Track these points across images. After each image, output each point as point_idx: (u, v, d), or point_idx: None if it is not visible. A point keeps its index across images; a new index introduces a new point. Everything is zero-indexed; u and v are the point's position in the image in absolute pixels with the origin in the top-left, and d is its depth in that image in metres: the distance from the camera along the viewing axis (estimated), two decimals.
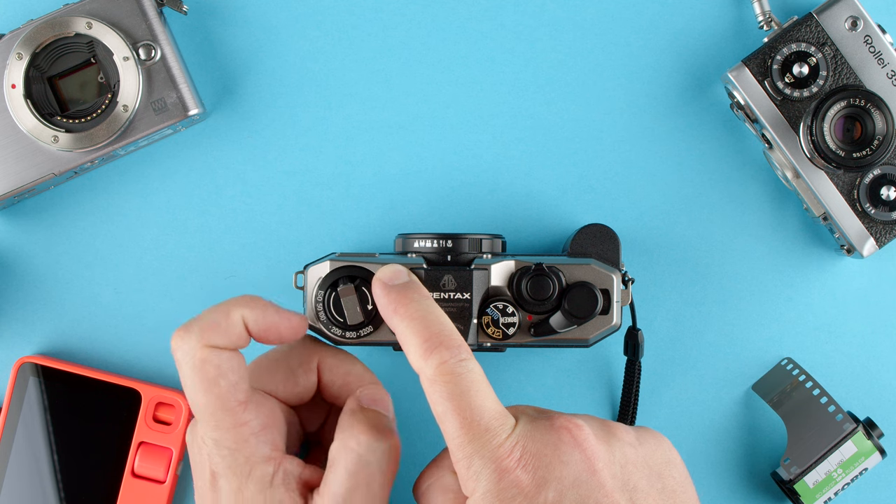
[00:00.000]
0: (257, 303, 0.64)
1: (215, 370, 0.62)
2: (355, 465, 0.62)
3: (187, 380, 0.62)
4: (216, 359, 0.62)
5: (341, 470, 0.62)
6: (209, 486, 0.63)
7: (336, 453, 0.63)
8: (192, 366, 0.62)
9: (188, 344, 0.62)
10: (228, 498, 0.62)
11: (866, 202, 0.74)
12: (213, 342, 0.62)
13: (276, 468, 0.62)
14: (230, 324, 0.63)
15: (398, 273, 0.66)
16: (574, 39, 0.78)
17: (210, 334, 0.62)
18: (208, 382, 0.62)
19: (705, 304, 0.78)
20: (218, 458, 0.62)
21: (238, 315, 0.63)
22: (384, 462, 0.63)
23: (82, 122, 0.74)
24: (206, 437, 0.62)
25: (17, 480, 0.76)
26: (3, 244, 0.78)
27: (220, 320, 0.63)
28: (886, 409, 0.78)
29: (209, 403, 0.62)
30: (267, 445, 0.63)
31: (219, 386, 0.62)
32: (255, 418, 0.63)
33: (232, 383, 0.62)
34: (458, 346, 0.61)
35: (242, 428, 0.62)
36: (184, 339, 0.62)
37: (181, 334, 0.62)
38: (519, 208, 0.78)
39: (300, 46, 0.78)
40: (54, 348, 0.78)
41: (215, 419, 0.62)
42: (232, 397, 0.62)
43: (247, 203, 0.78)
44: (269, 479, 0.62)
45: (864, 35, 0.73)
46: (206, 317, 0.63)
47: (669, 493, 0.61)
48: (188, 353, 0.62)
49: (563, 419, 0.61)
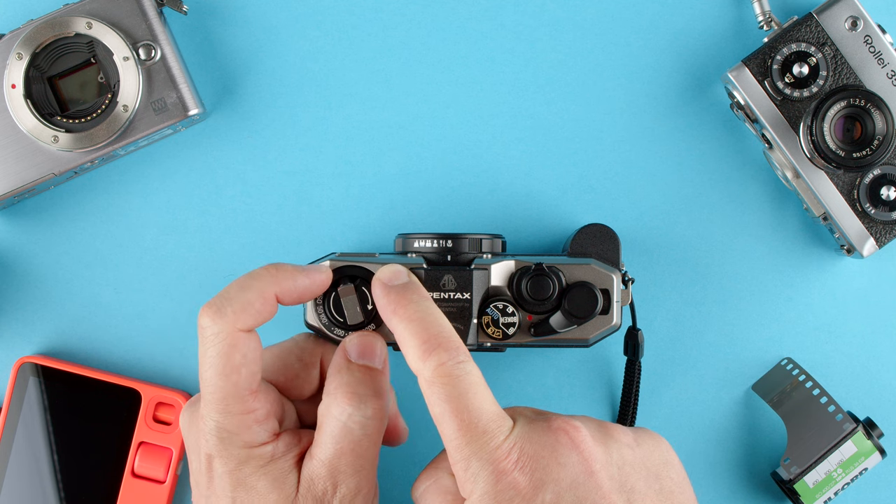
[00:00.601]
0: (285, 273, 0.64)
1: (241, 358, 0.62)
2: (340, 432, 0.62)
3: (208, 361, 0.62)
4: (245, 346, 0.62)
5: (327, 436, 0.62)
6: (204, 468, 0.63)
7: (321, 417, 0.63)
8: (220, 350, 0.61)
9: (220, 326, 0.61)
10: (223, 478, 0.62)
11: (866, 202, 0.74)
12: (247, 325, 0.62)
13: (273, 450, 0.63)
14: (265, 303, 0.63)
15: (398, 273, 0.66)
16: (574, 39, 0.78)
17: (245, 317, 0.62)
18: (231, 369, 0.61)
19: (705, 304, 0.78)
20: (216, 439, 0.62)
21: (272, 293, 0.63)
22: (368, 427, 0.63)
23: (82, 122, 0.74)
24: (207, 418, 0.62)
25: (17, 480, 0.76)
26: (3, 244, 0.78)
27: (256, 302, 0.62)
28: (886, 409, 0.78)
29: (224, 388, 0.62)
30: (266, 433, 0.63)
31: (239, 374, 0.62)
32: (261, 407, 0.63)
33: (251, 373, 0.62)
34: (456, 348, 0.61)
35: (248, 416, 0.62)
36: (215, 321, 0.61)
37: (212, 315, 0.61)
38: (519, 208, 0.78)
39: (300, 46, 0.78)
40: (54, 348, 0.78)
41: (225, 404, 0.62)
42: (247, 386, 0.62)
43: (247, 203, 0.78)
44: (267, 458, 0.62)
45: (864, 35, 0.73)
46: (239, 297, 0.62)
47: (667, 493, 0.61)
48: (219, 335, 0.61)
49: (561, 420, 0.61)
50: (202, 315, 0.62)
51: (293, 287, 0.64)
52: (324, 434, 0.63)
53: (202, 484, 0.64)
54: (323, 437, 0.63)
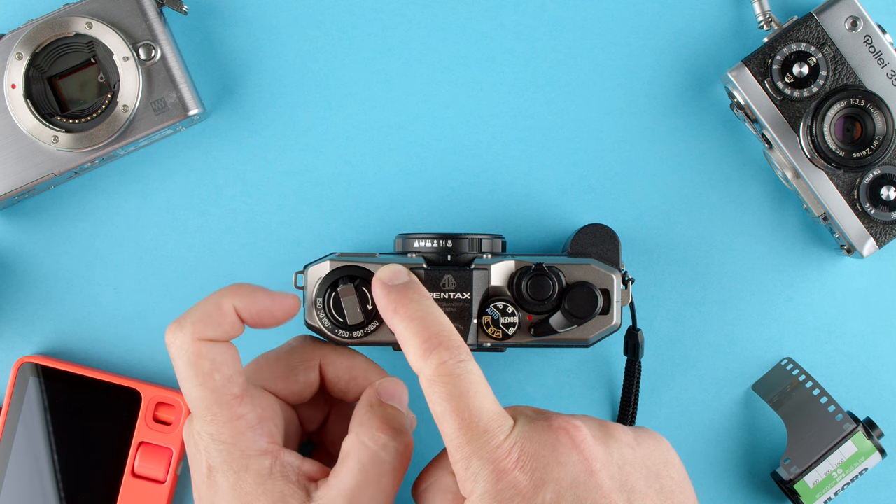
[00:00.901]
0: (246, 289, 0.64)
1: (210, 364, 0.62)
2: (369, 462, 0.62)
3: (182, 374, 0.62)
4: (210, 352, 0.62)
5: (354, 464, 0.62)
6: (206, 481, 0.63)
7: (350, 447, 0.63)
8: (187, 360, 0.62)
9: (181, 338, 0.62)
10: (225, 492, 0.62)
11: (866, 202, 0.74)
12: (207, 335, 0.62)
13: (274, 460, 0.62)
14: (222, 315, 0.63)
15: (398, 273, 0.66)
16: (574, 39, 0.78)
17: (202, 327, 0.62)
18: (203, 376, 0.62)
19: (705, 304, 0.78)
20: (214, 451, 0.62)
21: (229, 305, 0.63)
22: (397, 461, 0.63)
23: (82, 122, 0.74)
24: (202, 432, 0.62)
25: (17, 480, 0.76)
26: (3, 244, 0.78)
27: (212, 312, 0.63)
28: (886, 409, 0.78)
29: (204, 397, 0.62)
30: (263, 439, 0.63)
31: (213, 380, 0.62)
32: (250, 412, 0.63)
33: (227, 377, 0.62)
34: (457, 347, 0.61)
35: (238, 422, 0.62)
36: (176, 334, 0.62)
37: (174, 329, 0.62)
38: (519, 208, 0.78)
39: (300, 46, 0.78)
40: (54, 348, 0.78)
41: (210, 413, 0.62)
42: (227, 391, 0.62)
43: (247, 203, 0.78)
44: (267, 471, 0.62)
45: (864, 35, 0.73)
46: (197, 310, 0.63)
47: (667, 493, 0.61)
48: (182, 347, 0.62)
49: (561, 420, 0.61)
50: (167, 334, 0.63)
51: (252, 303, 0.64)
52: (349, 463, 0.62)
53: (205, 498, 0.63)
54: (348, 467, 0.62)
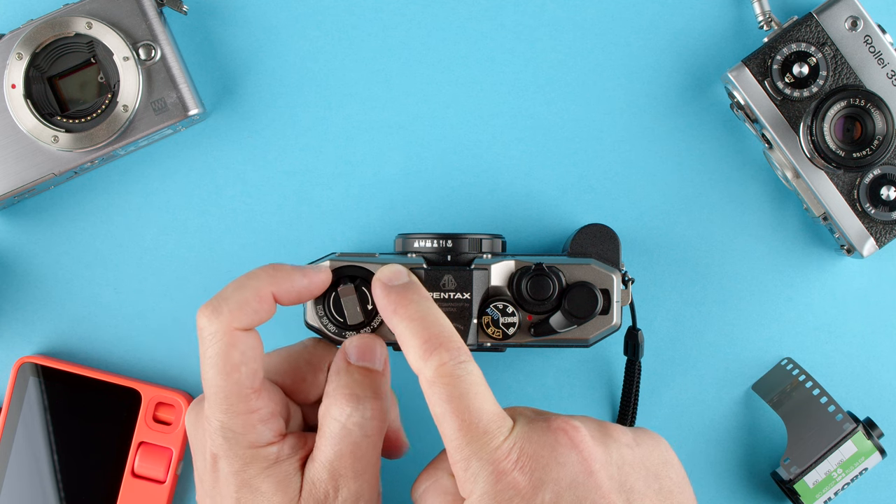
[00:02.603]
0: (283, 273, 0.64)
1: (240, 356, 0.62)
2: (339, 434, 0.62)
3: (209, 360, 0.62)
4: (243, 344, 0.62)
5: (327, 437, 0.62)
6: (209, 467, 0.63)
7: (321, 419, 0.63)
8: (219, 349, 0.61)
9: (216, 325, 0.61)
10: (228, 479, 0.62)
11: (866, 202, 0.74)
12: (244, 323, 0.62)
13: (280, 451, 0.63)
14: (261, 302, 0.63)
15: (398, 273, 0.66)
16: (574, 39, 0.78)
17: (241, 315, 0.62)
18: (231, 367, 0.62)
19: (705, 304, 0.78)
20: (221, 439, 0.62)
21: (268, 291, 0.63)
22: (367, 427, 0.63)
23: (82, 122, 0.74)
24: (212, 418, 0.62)
25: (17, 480, 0.76)
26: (3, 244, 0.78)
27: (251, 300, 0.62)
28: (886, 409, 0.78)
29: (226, 387, 0.62)
30: (271, 433, 0.63)
31: (240, 372, 0.62)
32: (265, 406, 0.63)
33: (252, 370, 0.62)
34: (457, 348, 0.61)
35: (252, 415, 0.62)
36: (212, 320, 0.62)
37: (210, 314, 0.62)
38: (519, 208, 0.78)
39: (300, 46, 0.78)
40: (54, 348, 0.78)
41: (228, 403, 0.62)
42: (248, 384, 0.62)
43: (247, 203, 0.78)
44: (272, 460, 0.62)
45: (864, 35, 0.73)
46: (235, 296, 0.62)
47: (667, 493, 0.61)
48: (216, 334, 0.61)
49: (560, 420, 0.61)
50: (200, 315, 0.62)
51: (291, 287, 0.64)
52: (324, 436, 0.63)
53: (207, 482, 0.64)
54: (323, 440, 0.63)
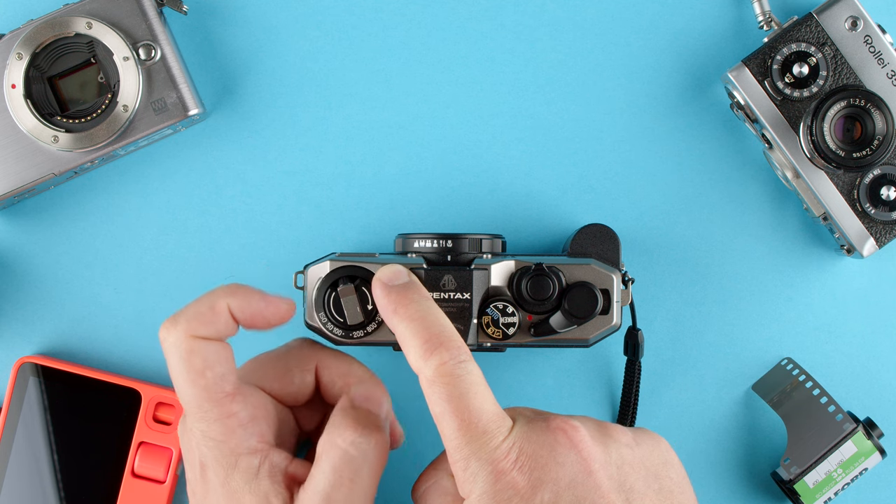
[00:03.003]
0: (242, 291, 0.64)
1: (202, 361, 0.62)
2: (340, 461, 0.62)
3: (174, 370, 0.62)
4: (203, 350, 0.62)
5: (326, 465, 0.62)
6: (199, 477, 0.63)
7: (322, 449, 0.63)
8: (179, 357, 0.62)
9: (174, 335, 0.62)
10: (216, 489, 0.62)
11: (866, 202, 0.74)
12: (200, 333, 0.62)
13: (262, 460, 0.62)
14: (216, 314, 0.63)
15: (398, 273, 0.66)
16: (574, 39, 0.78)
17: (196, 325, 0.62)
18: (195, 373, 0.62)
19: (705, 304, 0.78)
20: (206, 448, 0.62)
21: (223, 304, 0.63)
22: (370, 458, 0.62)
23: (82, 122, 0.74)
24: (193, 428, 0.62)
25: (17, 480, 0.76)
26: (3, 244, 0.78)
27: (205, 311, 0.63)
28: (886, 409, 0.78)
29: (196, 394, 0.62)
30: (254, 437, 0.63)
31: (205, 377, 0.62)
32: (242, 409, 0.63)
33: (219, 374, 0.62)
34: (457, 348, 0.61)
35: (229, 419, 0.62)
36: (170, 331, 0.62)
37: (168, 326, 0.63)
38: (519, 208, 0.78)
39: (300, 46, 0.78)
40: (54, 348, 0.78)
41: (202, 410, 0.62)
42: (219, 388, 0.62)
43: (247, 203, 0.78)
44: (254, 470, 0.62)
45: (864, 35, 0.73)
46: (191, 308, 0.63)
47: (666, 493, 0.61)
48: (175, 344, 0.62)
49: (560, 420, 0.61)
50: (160, 330, 0.63)
51: (246, 305, 0.64)
52: (321, 464, 0.62)
53: (198, 494, 0.64)
54: (322, 466, 0.62)
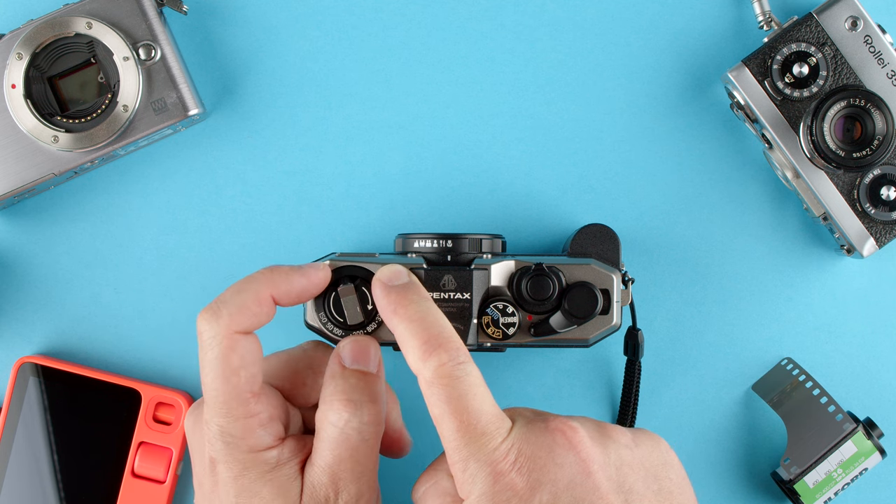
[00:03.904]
0: (282, 275, 0.64)
1: (239, 360, 0.62)
2: (337, 438, 0.62)
3: (209, 365, 0.62)
4: (241, 348, 0.62)
5: (325, 441, 0.62)
6: (208, 470, 0.63)
7: (319, 423, 0.63)
8: (218, 353, 0.61)
9: (216, 329, 0.61)
10: (227, 484, 0.62)
11: (866, 202, 0.74)
12: (243, 327, 0.62)
13: (279, 455, 0.63)
14: (260, 305, 0.63)
15: (398, 273, 0.66)
16: (574, 39, 0.78)
17: (240, 319, 0.62)
18: (230, 371, 0.61)
19: (705, 304, 0.78)
20: (220, 444, 0.62)
21: (267, 294, 0.63)
22: (365, 432, 0.63)
23: (82, 122, 0.74)
24: (211, 422, 0.62)
25: (17, 480, 0.76)
26: (3, 244, 0.78)
27: (250, 303, 0.62)
28: (886, 409, 0.78)
29: (225, 391, 0.62)
30: (270, 437, 0.63)
31: (239, 376, 0.62)
32: (264, 410, 0.63)
33: (251, 374, 0.62)
34: (456, 349, 0.61)
35: (251, 419, 0.62)
36: (211, 324, 0.62)
37: (209, 318, 0.62)
38: (519, 208, 0.78)
39: (300, 46, 0.78)
40: (54, 348, 0.78)
41: (227, 407, 0.62)
42: (248, 388, 0.62)
43: (247, 203, 0.78)
44: (271, 465, 0.62)
45: (864, 35, 0.73)
46: (234, 300, 0.62)
47: (666, 494, 0.61)
48: (215, 338, 0.61)
49: (559, 421, 0.61)
50: (199, 320, 0.62)
51: (289, 288, 0.64)
52: (321, 441, 0.63)
53: (206, 487, 0.64)
54: (321, 444, 0.63)
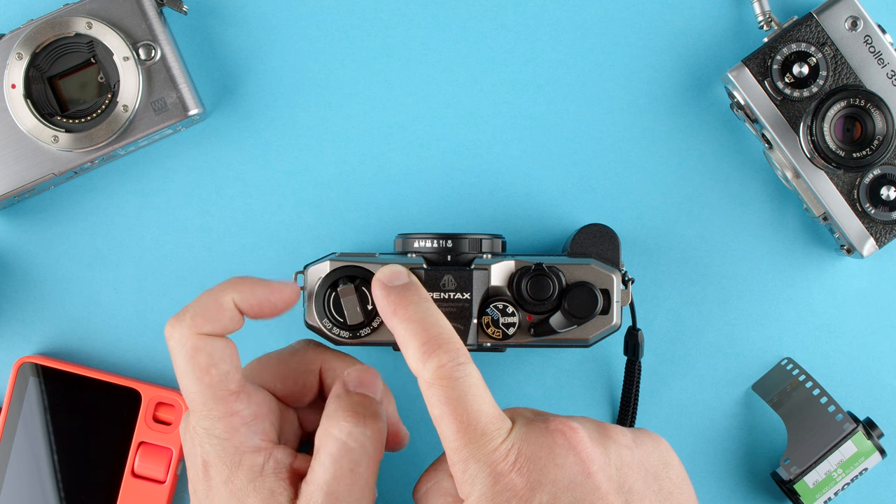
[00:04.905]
0: (246, 283, 0.64)
1: (207, 359, 0.62)
2: (338, 452, 0.62)
3: (180, 367, 0.63)
4: (208, 347, 0.62)
5: (325, 457, 0.62)
6: (201, 476, 0.63)
7: (319, 440, 0.63)
8: (185, 354, 0.62)
9: (180, 332, 0.62)
10: (219, 487, 0.62)
11: (866, 202, 0.74)
12: (206, 329, 0.63)
13: (267, 458, 0.63)
14: (221, 309, 0.63)
15: (398, 274, 0.66)
16: (574, 39, 0.78)
17: (201, 321, 0.63)
18: (200, 371, 0.62)
19: (705, 304, 0.78)
20: (209, 446, 0.62)
21: (228, 299, 0.63)
22: (368, 447, 0.62)
23: (82, 122, 0.74)
24: (197, 426, 0.63)
25: (17, 480, 0.76)
26: (3, 244, 0.78)
27: (211, 306, 0.63)
28: (886, 409, 0.78)
29: (200, 392, 0.62)
30: (257, 436, 0.63)
31: (210, 374, 0.62)
32: (246, 408, 0.63)
33: (223, 372, 0.62)
34: (456, 350, 0.61)
35: (233, 417, 0.62)
36: (176, 328, 0.63)
37: (173, 322, 0.63)
38: (519, 208, 0.78)
39: (300, 46, 0.78)
40: (54, 348, 0.78)
41: (206, 408, 0.62)
42: (223, 386, 0.62)
43: (247, 203, 0.78)
44: (259, 468, 0.62)
45: (864, 35, 0.73)
46: (197, 304, 0.63)
47: (666, 494, 0.61)
48: (180, 340, 0.62)
49: (559, 422, 0.61)
50: (166, 328, 0.63)
51: (251, 295, 0.64)
52: (322, 455, 0.62)
53: (200, 492, 0.64)
54: (321, 459, 0.62)
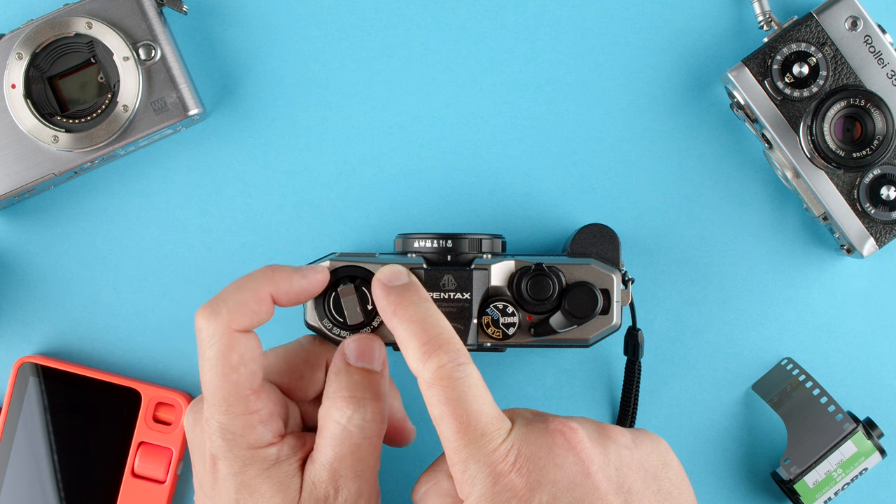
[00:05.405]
0: (281, 274, 0.64)
1: (239, 358, 0.62)
2: (339, 435, 0.62)
3: (208, 362, 0.62)
4: (241, 346, 0.62)
5: (327, 438, 0.63)
6: (209, 468, 0.63)
7: (321, 420, 0.63)
8: (217, 350, 0.61)
9: (215, 326, 0.62)
10: (227, 480, 0.62)
11: (866, 202, 0.74)
12: (242, 325, 0.62)
13: (279, 451, 0.63)
14: (259, 304, 0.63)
15: (398, 274, 0.66)
16: (574, 39, 0.78)
17: (239, 317, 0.62)
18: (230, 368, 0.62)
19: (705, 304, 0.78)
20: (220, 441, 0.62)
21: (266, 293, 0.63)
22: (368, 430, 0.63)
23: (82, 122, 0.74)
24: (211, 420, 0.62)
25: (17, 480, 0.76)
26: (3, 244, 0.78)
27: (250, 301, 0.62)
28: (886, 409, 0.78)
29: (223, 388, 0.62)
30: (271, 433, 0.63)
31: (238, 373, 0.62)
32: (264, 407, 0.63)
33: (251, 371, 0.62)
34: (456, 350, 0.61)
35: (252, 416, 0.62)
36: (210, 322, 0.62)
37: (208, 315, 0.62)
38: (519, 208, 0.78)
39: (300, 46, 0.78)
40: (54, 348, 0.78)
41: (227, 404, 0.62)
42: (248, 385, 0.62)
43: (247, 203, 0.78)
44: (272, 461, 0.62)
45: (864, 35, 0.73)
46: (234, 297, 0.62)
47: (665, 494, 0.61)
48: (214, 335, 0.62)
49: (558, 422, 0.61)
50: (198, 317, 0.62)
51: (289, 288, 0.64)
52: (324, 437, 0.63)
53: (206, 485, 0.64)
54: (323, 441, 0.63)
